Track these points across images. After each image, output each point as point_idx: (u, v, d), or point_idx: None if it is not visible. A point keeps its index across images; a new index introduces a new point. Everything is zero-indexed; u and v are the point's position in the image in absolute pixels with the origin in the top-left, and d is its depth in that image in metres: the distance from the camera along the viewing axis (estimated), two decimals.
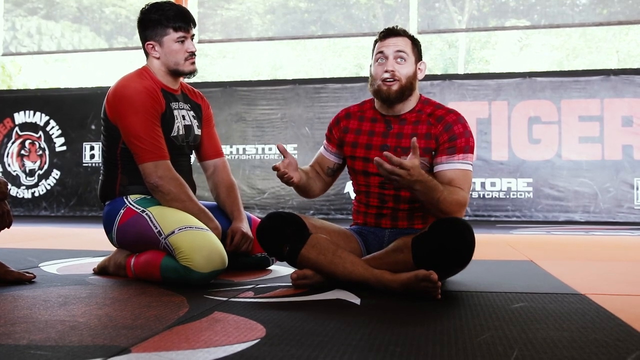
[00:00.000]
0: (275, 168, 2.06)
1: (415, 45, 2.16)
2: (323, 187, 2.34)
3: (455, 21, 7.00)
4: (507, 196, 6.30)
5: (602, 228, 5.41)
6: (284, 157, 2.11)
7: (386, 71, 2.09)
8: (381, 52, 2.12)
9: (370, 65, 2.21)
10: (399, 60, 2.10)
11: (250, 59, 18.40)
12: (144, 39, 2.32)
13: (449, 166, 2.06)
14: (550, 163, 6.24)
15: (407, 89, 2.11)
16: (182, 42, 2.28)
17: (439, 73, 15.06)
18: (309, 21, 7.25)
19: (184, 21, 2.27)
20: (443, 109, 2.16)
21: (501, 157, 6.32)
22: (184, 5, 7.09)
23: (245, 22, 7.29)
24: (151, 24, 2.28)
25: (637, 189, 6.08)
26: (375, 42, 2.19)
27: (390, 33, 2.13)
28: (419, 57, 2.17)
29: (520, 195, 6.28)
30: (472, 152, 2.10)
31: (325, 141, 2.34)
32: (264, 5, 7.34)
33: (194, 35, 2.34)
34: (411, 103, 2.16)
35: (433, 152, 2.11)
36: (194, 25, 2.34)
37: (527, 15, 6.83)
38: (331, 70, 16.95)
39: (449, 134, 2.08)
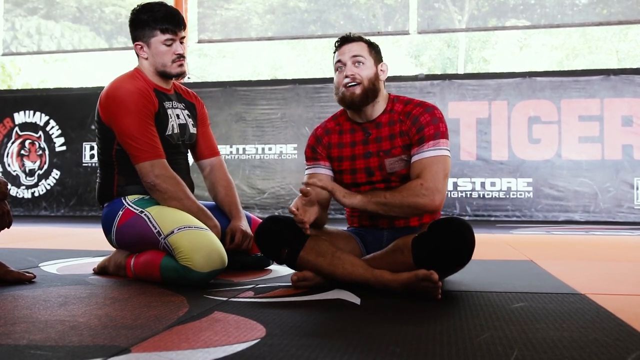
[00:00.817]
0: (292, 212, 1.92)
1: (373, 48, 2.14)
2: (325, 215, 2.21)
3: (455, 21, 7.00)
4: (507, 196, 6.30)
5: (602, 228, 5.41)
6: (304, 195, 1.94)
7: (346, 76, 2.08)
8: (339, 60, 2.12)
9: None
10: (357, 64, 2.09)
11: (250, 59, 18.41)
12: (133, 39, 2.32)
13: (420, 155, 2.03)
14: (550, 163, 6.24)
15: (370, 91, 2.09)
16: (170, 44, 2.27)
17: (439, 73, 15.07)
18: (308, 21, 7.24)
19: (172, 23, 2.26)
20: (412, 103, 2.14)
21: (501, 157, 6.32)
22: (183, 5, 7.08)
23: (245, 22, 7.29)
24: (140, 25, 2.28)
25: (637, 188, 6.08)
26: (334, 51, 2.17)
27: (344, 40, 2.13)
28: (378, 59, 2.15)
29: (520, 195, 6.28)
30: (444, 138, 2.05)
31: (309, 162, 2.25)
32: (264, 5, 7.34)
33: (183, 37, 2.33)
34: (381, 105, 2.15)
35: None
36: (184, 27, 2.32)
37: (526, 15, 6.83)
38: (331, 70, 16.89)
39: (416, 126, 2.07)
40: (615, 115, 6.15)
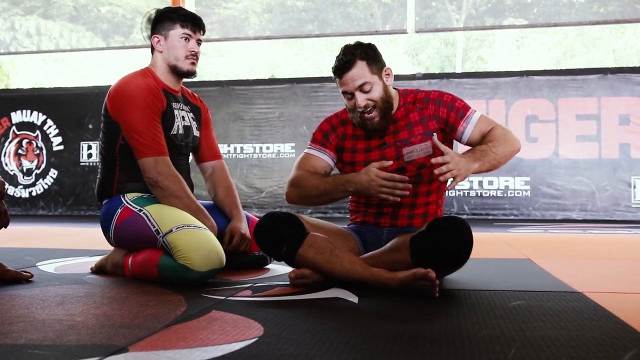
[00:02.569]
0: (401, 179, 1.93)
1: (372, 60, 2.07)
2: None
3: (452, 20, 7.00)
4: (505, 194, 6.31)
5: (600, 226, 5.42)
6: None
7: (359, 107, 2.06)
8: (344, 91, 2.09)
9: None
10: (365, 90, 2.06)
11: (248, 58, 18.40)
12: (152, 33, 2.37)
13: (472, 126, 2.10)
14: (548, 161, 6.25)
15: (387, 109, 2.10)
16: (187, 39, 2.32)
17: (436, 72, 15.08)
18: (306, 20, 7.24)
19: (192, 22, 2.33)
20: (421, 92, 2.18)
21: None
22: (181, 4, 7.09)
23: (243, 21, 7.29)
24: (162, 19, 2.34)
25: (634, 187, 6.10)
26: (333, 75, 2.13)
27: (342, 70, 2.06)
28: (380, 67, 2.10)
29: (518, 193, 6.29)
30: (470, 106, 2.15)
31: (315, 144, 2.23)
32: (261, 4, 7.33)
33: (200, 40, 2.38)
34: (395, 105, 2.16)
35: (435, 134, 2.10)
36: (203, 31, 2.38)
37: (524, 14, 6.83)
38: (328, 69, 16.87)
39: (445, 106, 2.11)
40: (612, 114, 6.16)
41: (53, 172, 7.27)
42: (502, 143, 1.99)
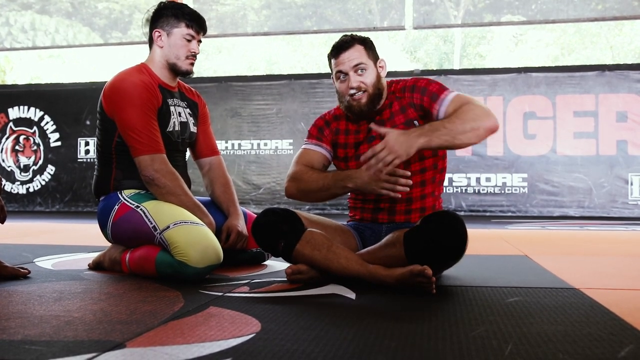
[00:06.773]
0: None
1: (369, 47, 2.12)
2: None
3: (450, 16, 6.99)
4: (502, 191, 6.32)
5: (597, 223, 5.43)
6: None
7: (351, 87, 2.08)
8: (339, 70, 2.11)
9: (333, 80, 2.18)
10: (359, 72, 2.08)
11: (246, 54, 18.37)
12: (152, 27, 2.34)
13: (444, 106, 2.02)
14: (545, 158, 6.26)
15: (376, 96, 2.11)
16: (189, 40, 2.31)
17: (435, 68, 15.07)
18: (304, 16, 7.22)
19: (197, 23, 2.32)
20: (401, 81, 2.18)
21: (496, 153, 6.33)
22: (179, 1, 7.09)
23: (241, 18, 7.27)
24: (166, 14, 2.32)
25: (631, 184, 6.11)
26: (329, 57, 2.17)
27: (341, 48, 2.11)
28: (375, 57, 2.14)
29: (515, 190, 6.30)
30: (447, 88, 2.08)
31: (312, 139, 2.26)
32: (260, 0, 7.31)
33: (200, 41, 2.38)
34: (384, 98, 2.17)
35: (416, 122, 2.10)
36: (204, 32, 2.37)
37: (522, 11, 6.83)
38: (326, 65, 16.82)
39: (418, 92, 2.10)
40: (610, 111, 6.17)
41: (50, 169, 7.25)
42: (462, 119, 1.91)
